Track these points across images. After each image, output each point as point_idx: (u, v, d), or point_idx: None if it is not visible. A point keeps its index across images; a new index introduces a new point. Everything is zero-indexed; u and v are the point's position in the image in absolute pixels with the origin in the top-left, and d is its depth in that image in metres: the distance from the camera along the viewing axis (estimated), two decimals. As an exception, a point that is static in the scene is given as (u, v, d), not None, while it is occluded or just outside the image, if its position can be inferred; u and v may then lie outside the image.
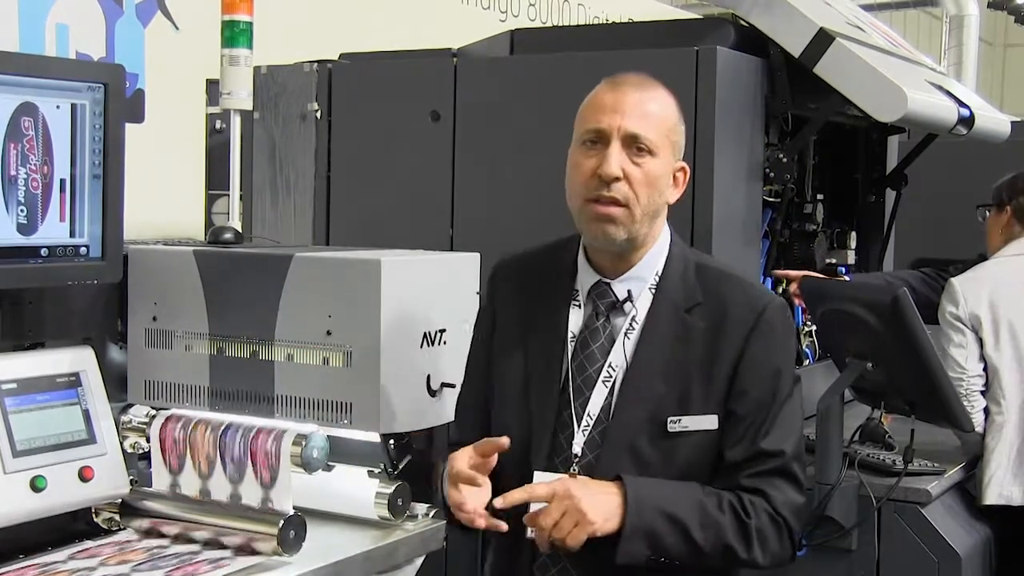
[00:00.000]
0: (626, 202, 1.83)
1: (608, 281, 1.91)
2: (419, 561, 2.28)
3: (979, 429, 3.24)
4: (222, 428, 2.19)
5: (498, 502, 1.78)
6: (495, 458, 1.82)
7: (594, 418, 1.88)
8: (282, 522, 2.09)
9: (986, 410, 3.27)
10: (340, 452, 2.27)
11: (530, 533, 1.82)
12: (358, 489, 2.28)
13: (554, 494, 1.75)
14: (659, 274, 1.91)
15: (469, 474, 1.81)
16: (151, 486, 2.27)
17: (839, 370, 3.14)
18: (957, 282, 3.36)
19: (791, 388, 1.89)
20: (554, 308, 1.94)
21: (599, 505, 1.75)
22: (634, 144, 1.84)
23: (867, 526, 2.91)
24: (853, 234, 4.06)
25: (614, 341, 1.89)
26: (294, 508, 2.13)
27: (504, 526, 1.81)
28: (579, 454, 1.87)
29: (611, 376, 1.88)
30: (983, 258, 3.59)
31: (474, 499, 1.81)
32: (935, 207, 4.64)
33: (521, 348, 1.95)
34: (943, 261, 3.92)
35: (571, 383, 1.89)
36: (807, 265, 3.76)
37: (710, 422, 1.85)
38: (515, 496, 1.78)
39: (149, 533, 2.22)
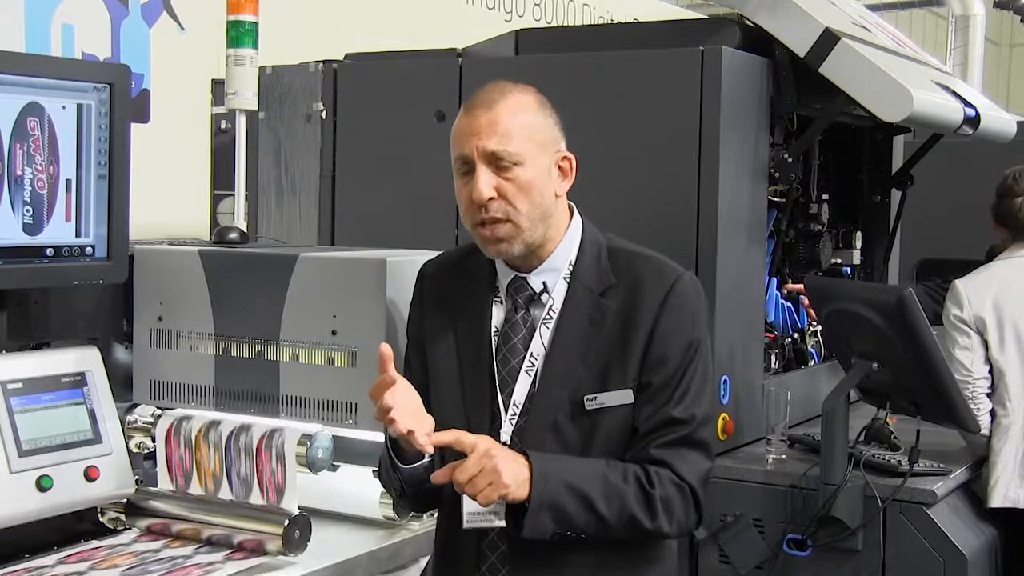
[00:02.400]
0: (507, 217, 1.90)
1: (524, 276, 1.98)
2: (424, 561, 2.28)
3: (985, 432, 3.23)
4: (224, 444, 2.19)
5: (426, 441, 1.81)
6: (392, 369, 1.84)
7: (520, 407, 1.94)
8: (287, 522, 2.09)
9: (992, 412, 3.26)
10: (345, 452, 2.27)
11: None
12: (363, 489, 2.29)
13: (475, 447, 1.80)
14: (572, 262, 1.98)
15: (381, 378, 1.82)
16: (156, 486, 2.27)
17: (844, 370, 3.14)
18: (961, 284, 3.34)
19: (702, 358, 1.95)
20: (477, 307, 2.00)
21: (514, 471, 1.81)
22: (497, 161, 1.89)
23: (872, 527, 2.91)
24: (858, 234, 4.06)
25: (535, 332, 1.96)
26: (299, 508, 2.13)
27: (429, 447, 1.83)
28: (508, 442, 1.92)
29: (533, 365, 1.95)
30: (989, 258, 3.57)
31: (419, 425, 1.83)
32: (941, 207, 4.63)
33: (452, 349, 2.01)
34: (948, 262, 3.90)
35: (496, 376, 1.96)
36: (813, 265, 3.76)
37: (626, 396, 1.92)
38: (443, 438, 1.82)
39: (154, 533, 2.23)
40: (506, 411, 1.94)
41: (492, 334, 1.97)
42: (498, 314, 1.99)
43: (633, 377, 1.91)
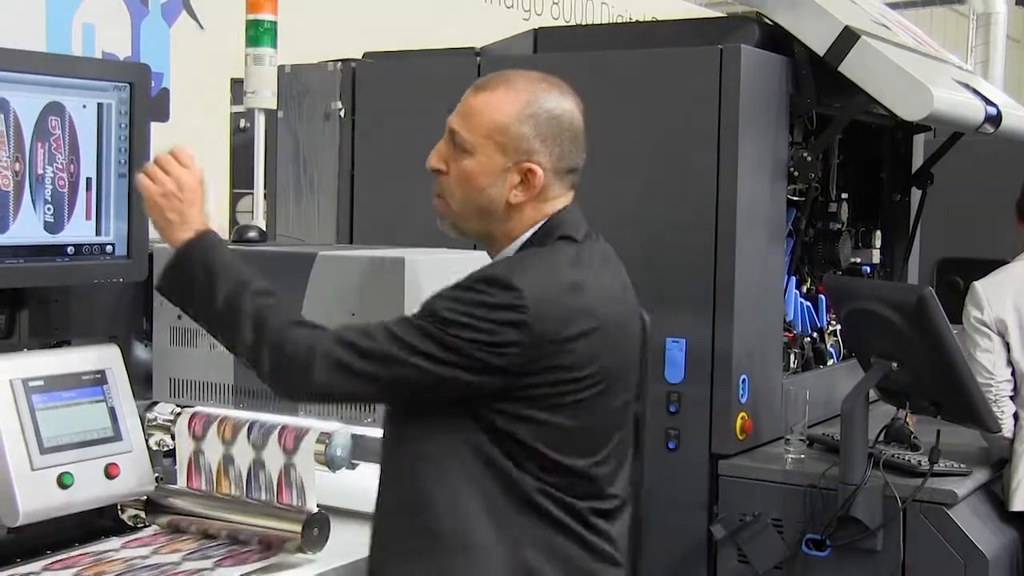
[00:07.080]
0: (441, 194, 1.93)
1: None
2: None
3: (1008, 435, 3.20)
4: (244, 441, 2.20)
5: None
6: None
7: None
8: (306, 520, 2.09)
9: (1015, 415, 3.23)
10: (364, 450, 2.27)
11: None
12: (381, 487, 2.29)
13: (193, 172, 1.94)
14: None
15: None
16: (176, 483, 2.28)
17: (864, 370, 3.13)
18: (980, 286, 3.31)
19: (404, 328, 1.82)
20: None
21: (182, 214, 1.93)
22: (452, 140, 1.91)
23: (892, 527, 2.89)
24: (878, 233, 4.04)
25: None
26: (318, 506, 2.14)
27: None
28: None
29: None
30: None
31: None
32: (961, 206, 4.60)
33: None
34: (969, 261, 3.88)
35: None
36: (832, 264, 3.74)
37: None
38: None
39: (173, 530, 2.24)
40: None
41: None
42: None
43: None
